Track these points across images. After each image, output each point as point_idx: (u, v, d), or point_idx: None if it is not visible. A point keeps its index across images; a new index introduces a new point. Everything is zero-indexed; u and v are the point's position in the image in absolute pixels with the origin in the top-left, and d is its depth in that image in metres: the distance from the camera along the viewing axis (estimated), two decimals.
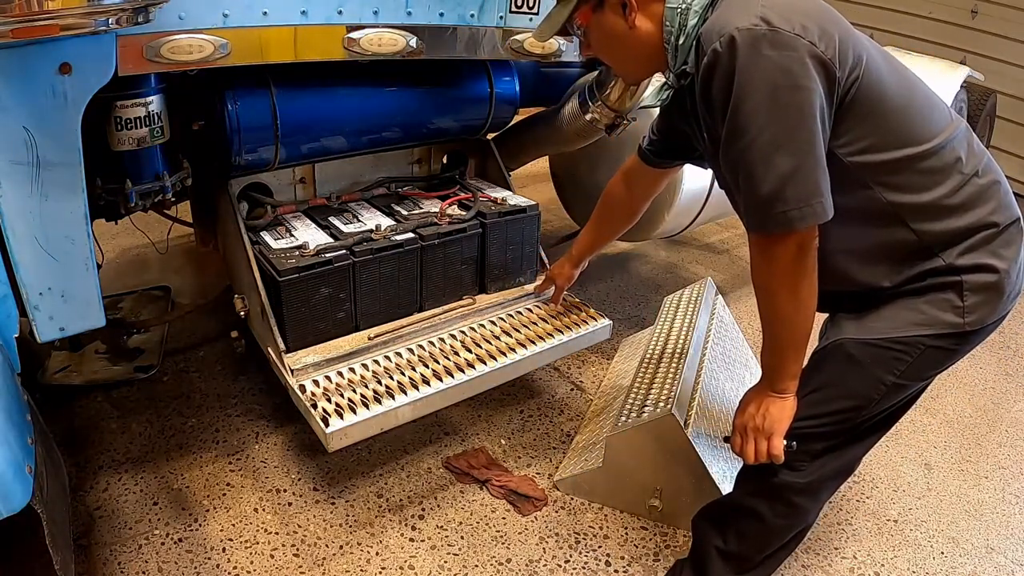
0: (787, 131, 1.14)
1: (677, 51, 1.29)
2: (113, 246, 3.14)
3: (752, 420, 1.38)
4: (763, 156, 1.15)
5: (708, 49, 1.16)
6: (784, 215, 1.16)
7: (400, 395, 1.74)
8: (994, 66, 4.77)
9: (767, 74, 1.12)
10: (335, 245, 1.87)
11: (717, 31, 1.15)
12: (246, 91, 1.79)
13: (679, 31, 1.27)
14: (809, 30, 1.14)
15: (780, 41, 1.12)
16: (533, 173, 3.79)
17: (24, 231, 1.35)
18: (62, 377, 2.30)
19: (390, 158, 2.27)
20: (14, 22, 1.13)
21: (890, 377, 1.32)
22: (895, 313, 1.31)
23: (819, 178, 1.16)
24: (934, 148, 1.24)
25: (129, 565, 1.74)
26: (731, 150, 1.20)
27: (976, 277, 1.26)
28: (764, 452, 1.37)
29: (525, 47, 2.02)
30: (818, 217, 1.17)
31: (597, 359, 2.71)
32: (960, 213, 1.26)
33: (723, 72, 1.15)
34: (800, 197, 1.15)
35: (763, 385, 1.39)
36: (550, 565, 1.85)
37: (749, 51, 1.12)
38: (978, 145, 1.32)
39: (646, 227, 2.63)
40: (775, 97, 1.13)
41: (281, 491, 2.00)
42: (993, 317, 1.30)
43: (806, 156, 1.15)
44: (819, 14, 1.18)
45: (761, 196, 1.17)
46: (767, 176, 1.16)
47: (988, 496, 2.24)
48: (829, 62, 1.14)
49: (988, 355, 3.06)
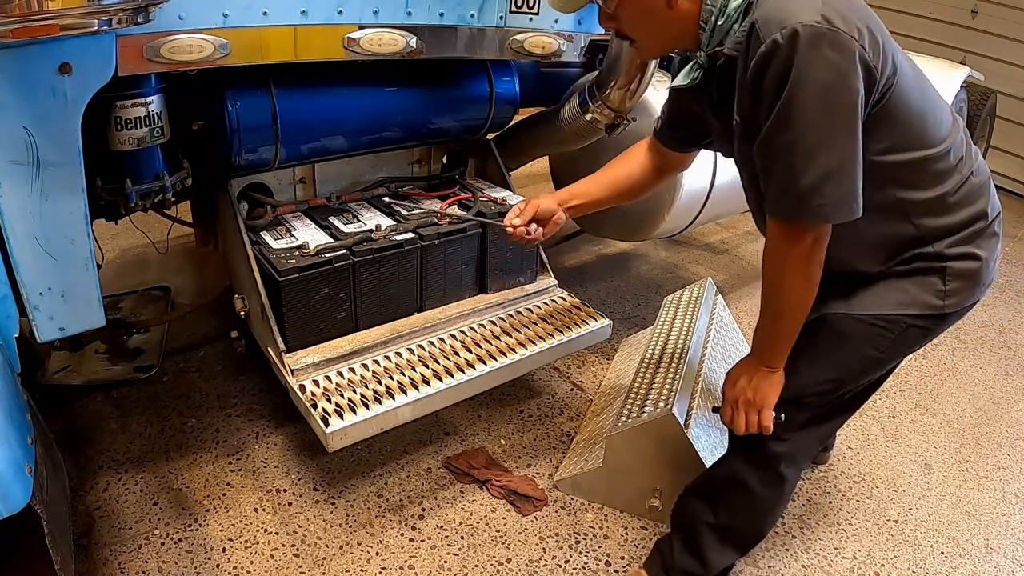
0: (834, 132, 1.17)
1: (714, 31, 1.29)
2: (113, 246, 3.13)
3: (743, 393, 1.44)
4: (808, 151, 1.18)
5: (767, 39, 1.16)
6: (821, 208, 1.20)
7: (400, 395, 1.74)
8: (994, 66, 4.78)
9: (823, 73, 1.14)
10: (335, 245, 1.86)
11: (778, 22, 1.15)
12: (246, 91, 1.79)
13: (720, 12, 1.27)
14: (863, 34, 1.16)
15: (839, 42, 1.13)
16: (533, 173, 3.79)
17: (24, 231, 1.35)
18: (62, 377, 2.30)
19: (390, 158, 2.27)
20: (14, 22, 1.13)
21: (872, 352, 1.41)
22: (882, 292, 1.39)
23: (856, 179, 1.20)
24: (943, 151, 1.31)
25: (129, 565, 1.74)
26: (775, 141, 1.21)
27: (960, 264, 1.35)
28: (755, 424, 1.44)
29: (525, 47, 2.02)
30: (848, 216, 1.22)
31: (597, 359, 2.71)
32: (958, 209, 1.34)
33: (780, 64, 1.15)
34: (838, 195, 1.20)
35: (754, 359, 1.44)
36: (550, 565, 1.85)
37: (809, 48, 1.13)
38: (971, 144, 1.41)
39: (646, 227, 2.63)
40: (827, 98, 1.15)
41: (281, 491, 2.00)
42: (968, 302, 1.40)
43: (848, 158, 1.19)
44: (869, 17, 1.21)
45: (801, 188, 1.20)
46: (809, 170, 1.18)
47: (988, 496, 2.24)
48: (873, 68, 1.17)
49: (988, 355, 3.06)
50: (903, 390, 2.74)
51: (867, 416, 2.56)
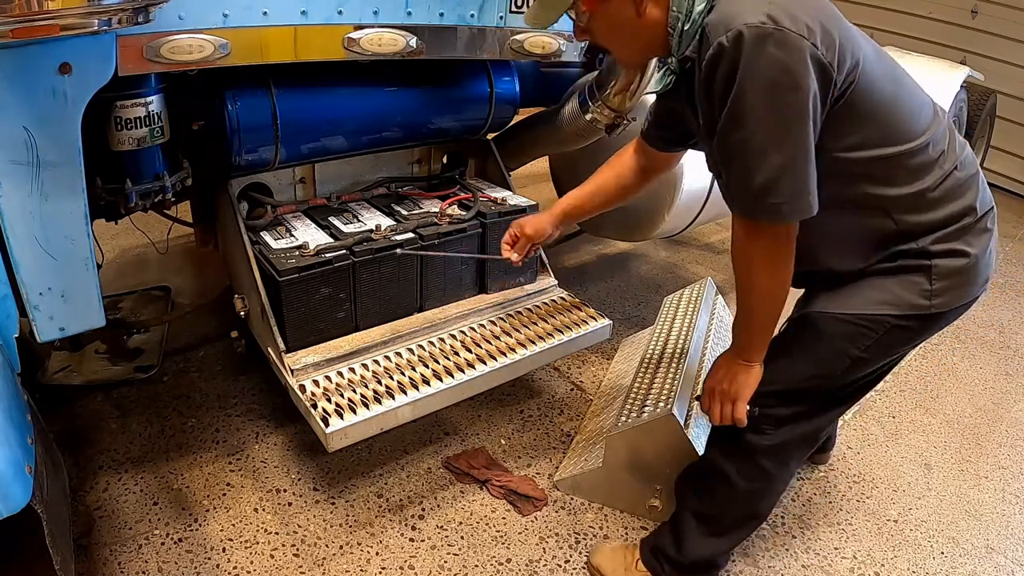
0: (784, 129, 1.18)
1: (682, 37, 1.30)
2: (113, 246, 3.13)
3: (720, 384, 1.47)
4: (759, 149, 1.19)
5: (714, 42, 1.18)
6: (775, 206, 1.22)
7: (400, 395, 1.74)
8: (994, 66, 4.78)
9: (769, 72, 1.15)
10: (335, 245, 1.86)
11: (724, 25, 1.17)
12: (246, 91, 1.79)
13: (685, 18, 1.28)
14: (813, 31, 1.16)
15: (785, 41, 1.14)
16: (533, 173, 3.79)
17: (24, 231, 1.35)
18: (62, 377, 2.30)
19: (390, 158, 2.27)
20: (14, 22, 1.13)
21: (855, 351, 1.40)
22: (865, 291, 1.38)
23: (808, 175, 1.21)
24: (920, 145, 1.29)
25: (129, 565, 1.74)
26: (728, 140, 1.24)
27: (946, 262, 1.33)
28: (728, 415, 1.47)
29: (525, 47, 2.02)
30: (804, 213, 1.23)
31: (597, 359, 2.71)
32: (941, 205, 1.32)
33: (727, 66, 1.17)
34: (791, 192, 1.21)
35: (733, 353, 1.47)
36: (550, 565, 1.85)
37: (754, 48, 1.14)
38: (958, 139, 1.38)
39: (646, 227, 2.63)
40: (775, 96, 1.16)
41: (281, 491, 2.00)
42: (961, 301, 1.38)
43: (799, 154, 1.19)
44: (822, 13, 1.20)
45: (754, 186, 1.22)
46: (762, 168, 1.20)
47: (988, 496, 2.24)
48: (828, 65, 1.17)
49: (988, 355, 3.06)
50: (903, 390, 2.74)
51: (867, 416, 2.56)
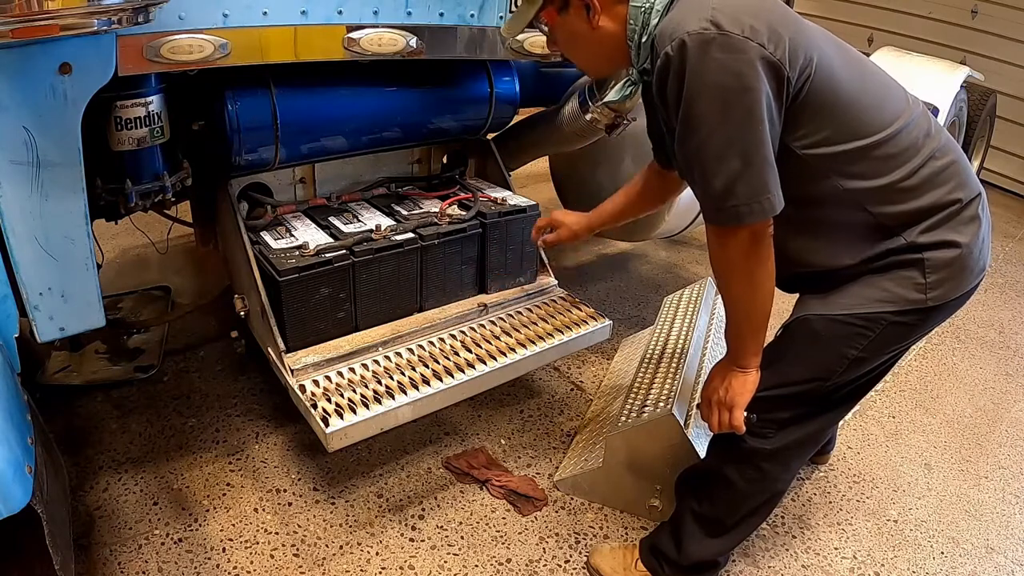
0: (737, 132, 1.18)
1: (640, 48, 1.32)
2: (113, 246, 3.13)
3: (716, 392, 1.46)
4: (715, 155, 1.20)
5: (661, 52, 1.19)
6: (735, 209, 1.22)
7: (400, 395, 1.74)
8: (994, 66, 4.78)
9: (716, 77, 1.15)
10: (335, 245, 1.86)
11: (669, 34, 1.18)
12: (246, 91, 1.79)
13: (642, 30, 1.30)
14: (758, 32, 1.16)
15: (729, 44, 1.14)
16: (533, 173, 3.79)
17: (24, 231, 1.35)
18: (62, 377, 2.30)
19: (390, 158, 2.27)
20: (14, 22, 1.13)
21: (852, 351, 1.39)
22: (858, 290, 1.37)
23: (767, 176, 1.21)
24: (889, 136, 1.28)
25: (129, 565, 1.74)
26: (685, 147, 1.25)
27: (938, 254, 1.31)
28: (726, 423, 1.45)
29: (525, 47, 2.02)
30: (766, 213, 1.23)
31: (597, 359, 2.71)
32: (919, 194, 1.30)
33: (674, 75, 1.18)
34: (750, 194, 1.20)
35: (728, 360, 1.46)
36: (550, 565, 1.85)
37: (698, 55, 1.15)
38: (936, 127, 1.36)
39: (646, 227, 2.63)
40: (724, 99, 1.16)
41: (281, 491, 2.00)
42: (957, 292, 1.36)
43: (755, 155, 1.19)
44: (769, 14, 1.20)
45: (714, 191, 1.23)
46: (719, 173, 1.20)
47: (988, 496, 2.24)
48: (778, 63, 1.17)
49: (988, 355, 3.06)
50: (903, 390, 2.74)
51: (867, 416, 2.56)
